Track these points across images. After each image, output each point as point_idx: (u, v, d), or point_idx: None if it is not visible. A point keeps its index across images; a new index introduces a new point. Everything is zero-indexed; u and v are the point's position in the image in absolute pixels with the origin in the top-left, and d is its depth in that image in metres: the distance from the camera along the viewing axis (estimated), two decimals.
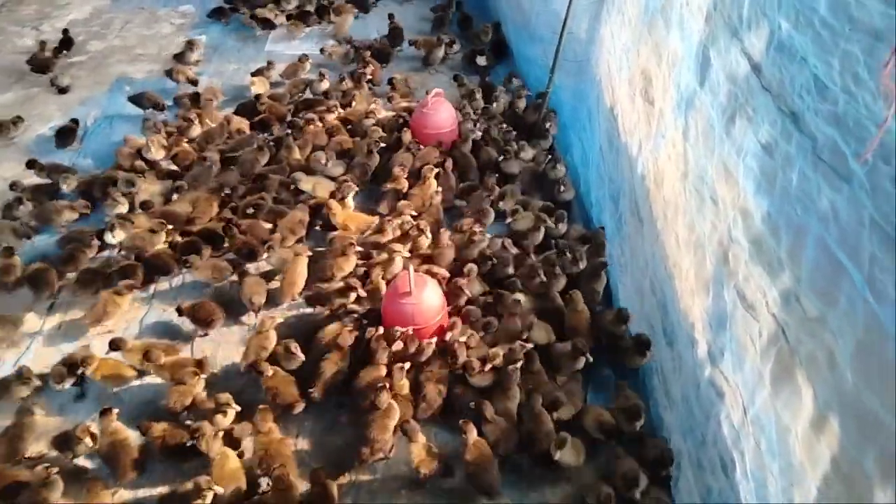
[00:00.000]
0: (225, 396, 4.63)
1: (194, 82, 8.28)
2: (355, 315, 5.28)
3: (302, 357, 4.86)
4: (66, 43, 9.47)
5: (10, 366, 5.17)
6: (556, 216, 6.05)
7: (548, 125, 7.20)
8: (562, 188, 6.46)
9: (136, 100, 7.96)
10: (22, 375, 4.89)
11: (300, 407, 4.72)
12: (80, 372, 4.88)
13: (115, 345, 5.02)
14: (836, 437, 2.43)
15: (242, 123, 7.58)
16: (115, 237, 5.93)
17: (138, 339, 5.31)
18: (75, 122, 7.71)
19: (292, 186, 6.60)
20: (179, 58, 8.81)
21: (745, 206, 3.21)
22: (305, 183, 6.57)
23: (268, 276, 5.77)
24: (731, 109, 3.41)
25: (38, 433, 4.69)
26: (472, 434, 4.35)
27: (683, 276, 3.95)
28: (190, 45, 9.00)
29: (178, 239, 6.08)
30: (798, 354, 2.70)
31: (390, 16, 9.62)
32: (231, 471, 4.28)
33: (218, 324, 5.41)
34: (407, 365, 4.79)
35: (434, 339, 4.98)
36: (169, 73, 8.47)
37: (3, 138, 7.72)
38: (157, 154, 7.05)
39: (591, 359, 4.69)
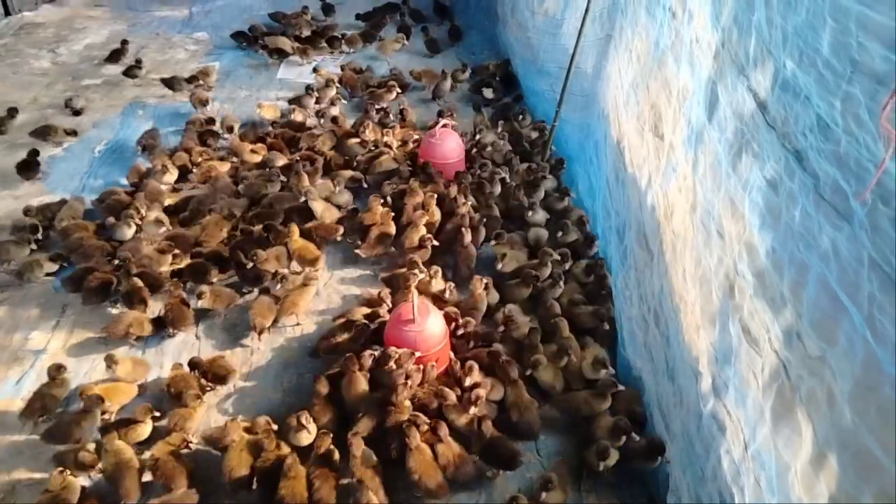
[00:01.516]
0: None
1: (204, 102, 8.41)
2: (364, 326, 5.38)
3: (313, 432, 4.62)
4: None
5: (13, 383, 5.20)
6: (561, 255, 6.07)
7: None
8: (560, 233, 6.45)
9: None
10: (59, 369, 4.99)
11: (232, 380, 5.19)
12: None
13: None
14: (834, 476, 2.42)
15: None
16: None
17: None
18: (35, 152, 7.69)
19: (302, 199, 6.64)
20: (298, 101, 8.70)
21: (750, 241, 3.23)
22: (318, 203, 6.62)
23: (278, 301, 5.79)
24: (737, 145, 3.45)
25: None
26: (416, 440, 4.43)
27: (689, 310, 3.96)
28: (309, 89, 8.90)
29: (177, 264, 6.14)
30: (799, 391, 2.70)
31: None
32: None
33: (188, 326, 5.63)
34: (410, 380, 4.81)
35: (435, 364, 5.02)
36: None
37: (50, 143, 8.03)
38: (170, 177, 7.12)
39: (637, 438, 4.52)
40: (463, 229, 6.27)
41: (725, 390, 3.40)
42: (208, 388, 5.12)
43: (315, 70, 9.20)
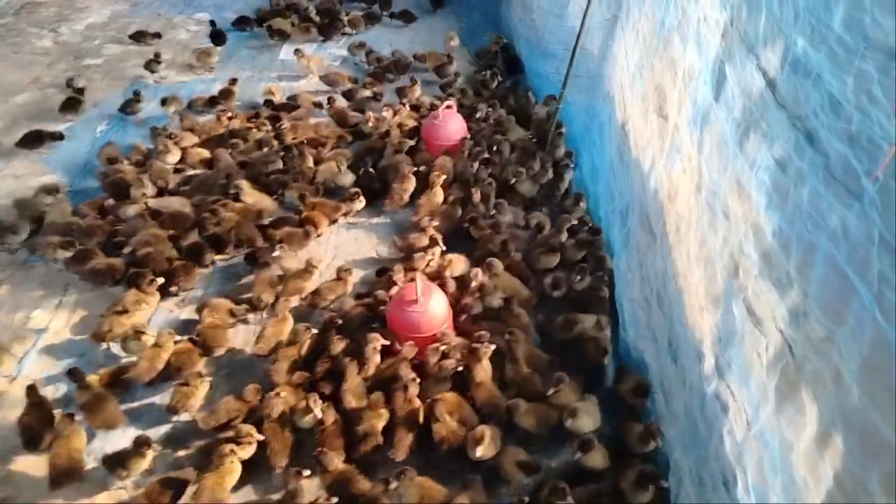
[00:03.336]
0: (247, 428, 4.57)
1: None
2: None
3: (318, 415, 4.56)
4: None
5: (15, 362, 5.20)
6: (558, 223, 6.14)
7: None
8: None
9: None
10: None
11: (220, 352, 5.26)
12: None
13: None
14: (839, 455, 2.41)
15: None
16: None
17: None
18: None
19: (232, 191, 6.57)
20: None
21: (756, 221, 3.21)
22: (249, 196, 6.53)
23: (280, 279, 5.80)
24: (745, 125, 3.42)
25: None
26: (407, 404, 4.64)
27: (693, 291, 3.94)
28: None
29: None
30: (803, 371, 2.69)
31: None
32: (228, 483, 4.34)
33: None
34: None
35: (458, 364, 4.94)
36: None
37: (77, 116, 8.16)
38: (172, 159, 7.09)
39: (660, 444, 4.35)
40: (472, 189, 6.38)
41: (729, 371, 3.39)
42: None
43: (296, 52, 9.11)
